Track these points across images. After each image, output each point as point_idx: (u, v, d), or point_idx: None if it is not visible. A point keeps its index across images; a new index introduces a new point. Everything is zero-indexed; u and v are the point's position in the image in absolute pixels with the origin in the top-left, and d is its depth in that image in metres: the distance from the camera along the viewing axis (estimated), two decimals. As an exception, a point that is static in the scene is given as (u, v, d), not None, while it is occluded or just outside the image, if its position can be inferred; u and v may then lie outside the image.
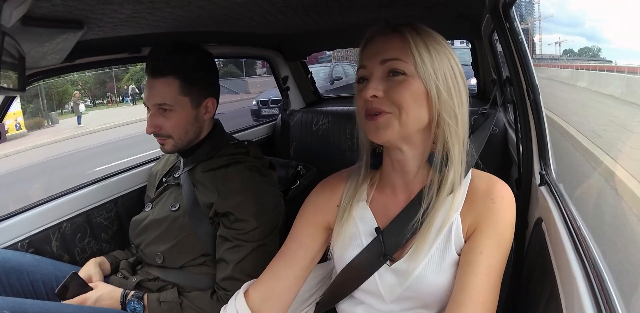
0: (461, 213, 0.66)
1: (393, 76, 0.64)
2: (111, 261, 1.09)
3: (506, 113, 1.52)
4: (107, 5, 0.66)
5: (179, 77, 0.97)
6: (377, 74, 0.65)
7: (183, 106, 0.99)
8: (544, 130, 0.91)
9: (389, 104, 0.63)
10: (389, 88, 0.64)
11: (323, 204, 0.76)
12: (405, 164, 0.69)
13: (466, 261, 0.64)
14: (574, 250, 0.63)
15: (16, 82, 0.61)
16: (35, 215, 1.08)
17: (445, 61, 0.65)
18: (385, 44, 0.66)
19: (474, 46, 1.70)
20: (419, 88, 0.63)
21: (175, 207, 1.02)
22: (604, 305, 0.50)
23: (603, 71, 12.24)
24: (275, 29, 1.30)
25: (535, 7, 17.65)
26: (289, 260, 0.74)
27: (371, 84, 0.64)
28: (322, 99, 2.09)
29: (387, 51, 0.65)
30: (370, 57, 0.66)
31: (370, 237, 0.71)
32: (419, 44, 0.64)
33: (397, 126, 0.64)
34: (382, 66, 0.65)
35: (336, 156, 1.70)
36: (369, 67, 0.66)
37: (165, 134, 0.99)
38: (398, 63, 0.64)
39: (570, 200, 0.79)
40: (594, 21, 34.11)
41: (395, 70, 0.64)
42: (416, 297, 0.68)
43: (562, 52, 20.05)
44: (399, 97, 0.63)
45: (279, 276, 0.74)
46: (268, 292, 0.73)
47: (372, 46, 0.67)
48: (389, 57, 0.64)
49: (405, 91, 0.63)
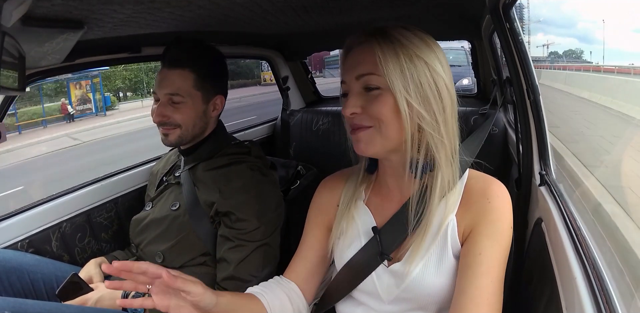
0: (457, 214, 0.66)
1: (369, 91, 0.65)
2: (111, 262, 1.09)
3: (506, 113, 1.53)
4: (107, 5, 0.66)
5: (195, 71, 0.99)
6: (355, 90, 0.66)
7: (194, 99, 1.00)
8: (544, 130, 0.91)
9: (368, 119, 0.64)
10: (367, 103, 0.64)
11: (324, 204, 0.79)
12: (396, 169, 0.70)
13: (465, 264, 0.63)
14: (574, 250, 0.63)
15: (16, 82, 0.61)
16: (35, 215, 1.08)
17: (420, 66, 0.63)
18: (359, 57, 0.66)
19: (474, 46, 1.70)
20: (392, 101, 0.63)
21: (175, 206, 1.02)
22: (603, 305, 0.50)
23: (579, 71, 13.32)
24: (276, 29, 1.30)
25: (525, 12, 17.89)
26: (303, 258, 0.78)
27: (349, 102, 0.65)
28: (322, 99, 2.09)
29: (361, 66, 0.65)
30: (348, 72, 0.67)
31: (367, 236, 0.72)
32: (389, 56, 0.63)
33: (379, 139, 0.65)
34: (358, 82, 0.65)
35: (336, 156, 1.68)
36: (347, 83, 0.67)
37: (173, 123, 0.99)
38: (372, 78, 0.64)
39: (570, 200, 0.79)
40: (587, 22, 34.59)
41: (369, 86, 0.64)
42: (413, 299, 0.68)
43: (548, 53, 20.47)
44: (376, 112, 0.64)
45: (297, 273, 0.78)
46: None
47: (350, 58, 0.67)
48: (363, 72, 0.65)
49: (381, 106, 0.63)
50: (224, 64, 1.07)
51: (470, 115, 1.51)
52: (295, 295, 0.76)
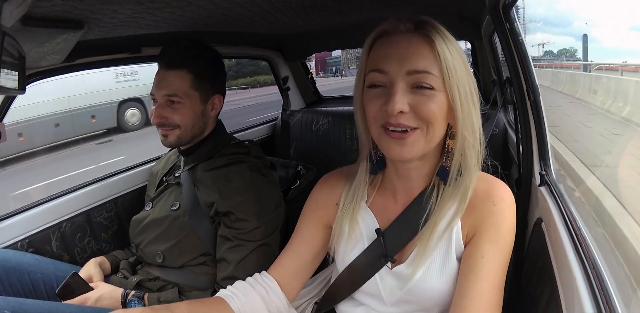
0: (461, 216, 0.65)
1: (419, 89, 0.59)
2: (111, 261, 1.09)
3: (506, 114, 1.52)
4: (107, 6, 0.66)
5: (192, 71, 0.99)
6: (402, 86, 0.59)
7: (192, 100, 1.00)
8: (544, 131, 0.91)
9: (415, 119, 0.59)
10: (416, 102, 0.59)
11: (323, 201, 0.77)
12: (410, 172, 0.68)
13: (467, 267, 0.63)
14: (573, 251, 0.63)
15: (16, 82, 0.61)
16: (35, 215, 1.08)
17: (464, 71, 0.60)
18: (410, 49, 0.59)
19: (474, 47, 1.70)
20: (444, 102, 0.60)
21: (175, 206, 1.02)
22: (603, 306, 0.50)
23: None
24: (275, 29, 1.30)
25: (521, 12, 18.37)
26: (294, 253, 0.76)
27: (397, 98, 0.58)
28: (322, 99, 2.09)
29: (416, 60, 0.59)
30: (393, 62, 0.59)
31: (371, 238, 0.71)
32: (446, 54, 0.59)
33: (422, 142, 0.61)
34: (408, 77, 0.59)
35: (336, 156, 1.70)
36: (391, 75, 0.60)
37: (172, 124, 0.99)
38: (428, 77, 0.58)
39: (570, 201, 0.79)
40: (583, 21, 35.52)
41: (422, 84, 0.59)
42: (416, 301, 0.67)
43: (544, 53, 20.89)
44: (427, 112, 0.59)
45: (285, 268, 0.76)
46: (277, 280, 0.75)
47: (393, 46, 0.60)
48: (419, 68, 0.58)
49: (434, 106, 0.59)
50: (221, 64, 1.07)
51: None
52: (273, 294, 0.72)
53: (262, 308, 0.71)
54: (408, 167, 0.67)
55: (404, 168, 0.67)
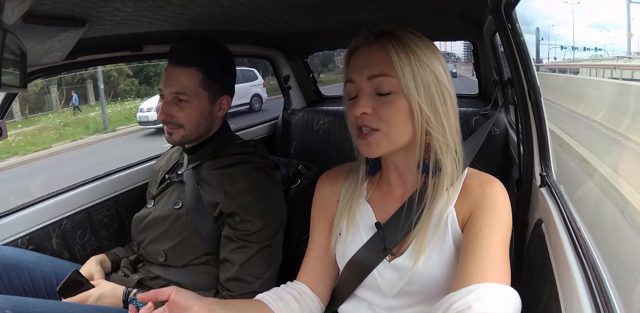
0: (455, 205, 0.67)
1: (381, 93, 0.65)
2: (112, 259, 1.09)
3: (507, 114, 1.52)
4: (108, 3, 0.66)
5: (202, 70, 0.97)
6: (366, 90, 0.66)
7: (200, 99, 0.98)
8: (545, 131, 0.91)
9: (377, 121, 0.65)
10: (378, 105, 0.65)
11: (325, 200, 0.79)
12: (400, 165, 0.71)
13: (467, 241, 0.64)
14: (573, 252, 0.63)
15: (18, 80, 0.61)
16: (36, 212, 1.09)
17: (428, 72, 0.65)
18: (370, 57, 0.66)
19: (476, 47, 1.70)
20: (404, 105, 0.65)
21: (178, 205, 1.01)
22: (602, 307, 0.50)
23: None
24: (277, 28, 1.30)
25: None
26: (314, 258, 0.79)
27: (361, 101, 0.66)
28: (324, 98, 2.09)
29: (374, 66, 0.65)
30: (357, 72, 0.67)
31: (370, 233, 0.72)
32: (402, 58, 0.64)
33: (385, 141, 0.66)
34: (369, 82, 0.66)
35: (337, 156, 1.70)
36: (357, 82, 0.67)
37: (177, 123, 0.98)
38: (385, 80, 0.65)
39: (570, 202, 0.79)
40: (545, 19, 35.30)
41: (382, 87, 0.65)
42: (417, 292, 0.68)
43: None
44: (387, 114, 0.65)
45: (310, 273, 0.79)
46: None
47: (358, 58, 0.68)
48: (376, 73, 0.65)
49: (393, 109, 0.65)
50: (232, 63, 1.05)
51: (471, 116, 1.51)
52: (306, 296, 0.76)
53: (296, 309, 0.74)
54: (396, 161, 0.71)
55: (391, 160, 0.72)
